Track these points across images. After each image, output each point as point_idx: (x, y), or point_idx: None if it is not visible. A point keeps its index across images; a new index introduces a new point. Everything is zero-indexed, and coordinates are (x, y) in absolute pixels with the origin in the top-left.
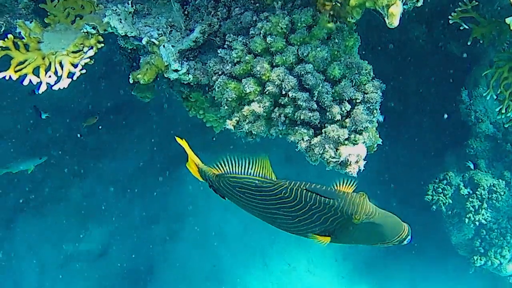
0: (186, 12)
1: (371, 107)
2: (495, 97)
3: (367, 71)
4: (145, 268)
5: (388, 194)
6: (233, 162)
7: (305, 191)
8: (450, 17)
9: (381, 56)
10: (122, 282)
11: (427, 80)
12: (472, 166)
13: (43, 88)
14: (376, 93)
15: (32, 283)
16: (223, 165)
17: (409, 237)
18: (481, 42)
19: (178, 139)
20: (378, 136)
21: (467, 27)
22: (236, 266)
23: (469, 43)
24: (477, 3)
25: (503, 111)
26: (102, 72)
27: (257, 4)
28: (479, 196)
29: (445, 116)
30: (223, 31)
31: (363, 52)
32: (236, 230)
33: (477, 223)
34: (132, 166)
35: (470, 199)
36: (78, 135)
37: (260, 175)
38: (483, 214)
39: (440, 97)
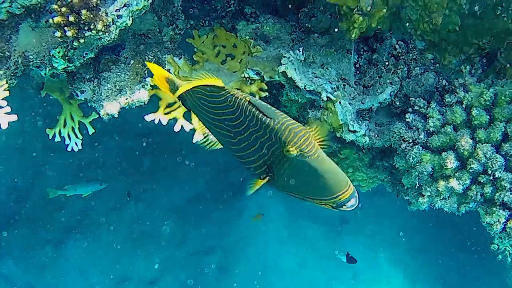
0: (357, 66)
1: None
2: None
3: None
4: None
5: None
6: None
7: (247, 103)
8: None
9: None
10: None
11: None
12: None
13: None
14: None
15: None
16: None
17: (353, 202)
18: None
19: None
20: None
21: None
22: None
23: None
24: None
25: None
26: None
27: (437, 65)
28: None
29: None
30: (406, 92)
31: None
32: (291, 265)
33: None
34: (188, 192)
35: None
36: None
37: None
38: None
39: None
